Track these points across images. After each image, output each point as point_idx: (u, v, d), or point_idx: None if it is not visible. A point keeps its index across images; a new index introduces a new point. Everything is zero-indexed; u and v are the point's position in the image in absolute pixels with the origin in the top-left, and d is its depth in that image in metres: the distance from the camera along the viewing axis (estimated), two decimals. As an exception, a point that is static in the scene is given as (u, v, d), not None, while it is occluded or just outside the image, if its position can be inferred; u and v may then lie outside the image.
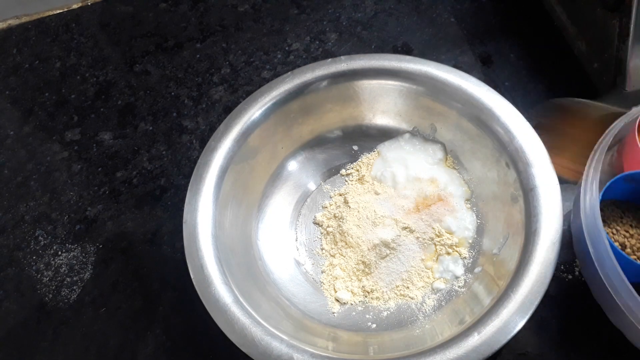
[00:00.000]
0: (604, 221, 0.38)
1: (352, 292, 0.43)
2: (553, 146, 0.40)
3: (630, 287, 0.33)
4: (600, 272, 0.35)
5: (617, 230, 0.39)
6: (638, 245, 0.39)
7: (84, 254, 0.48)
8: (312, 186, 0.49)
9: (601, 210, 0.39)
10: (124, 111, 0.57)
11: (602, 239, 0.34)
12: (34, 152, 0.55)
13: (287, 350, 0.35)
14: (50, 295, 0.47)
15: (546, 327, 0.41)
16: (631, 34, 0.41)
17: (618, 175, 0.39)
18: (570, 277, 0.43)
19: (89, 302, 0.46)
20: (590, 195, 0.36)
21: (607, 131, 0.39)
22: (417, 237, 0.44)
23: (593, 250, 0.35)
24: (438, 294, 0.42)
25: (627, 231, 0.39)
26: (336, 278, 0.44)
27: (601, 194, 0.37)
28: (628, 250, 0.38)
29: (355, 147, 0.50)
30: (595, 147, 0.39)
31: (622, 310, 0.34)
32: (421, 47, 0.58)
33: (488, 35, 0.58)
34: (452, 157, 0.48)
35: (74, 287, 0.47)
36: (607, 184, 0.38)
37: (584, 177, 0.38)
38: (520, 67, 0.55)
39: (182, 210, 0.41)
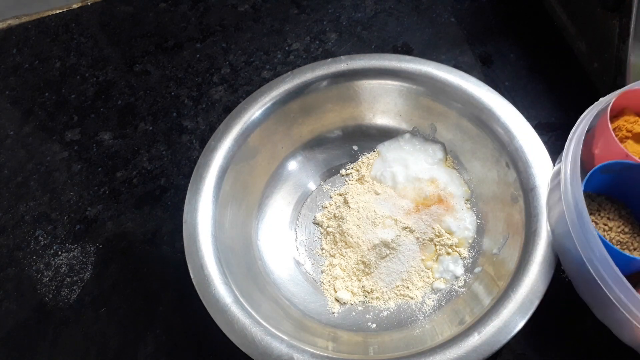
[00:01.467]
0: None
1: (352, 292, 0.43)
2: None
3: (623, 277, 0.32)
4: (589, 266, 0.33)
5: (596, 224, 0.39)
6: (618, 238, 0.38)
7: (84, 254, 0.48)
8: (312, 186, 0.49)
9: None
10: (124, 111, 0.57)
11: (591, 232, 0.33)
12: (34, 152, 0.55)
13: (287, 350, 0.35)
14: (50, 295, 0.47)
15: (546, 327, 0.41)
16: (631, 34, 0.41)
17: (596, 167, 0.38)
18: (570, 277, 0.43)
19: (89, 302, 0.46)
20: (573, 187, 0.35)
21: (579, 120, 0.38)
22: (417, 237, 0.44)
23: (580, 244, 0.34)
24: (438, 294, 0.42)
25: (605, 224, 0.39)
26: (336, 278, 0.44)
27: (583, 184, 0.36)
28: None
29: (355, 147, 0.50)
30: (570, 136, 0.38)
31: (612, 303, 0.33)
32: (421, 47, 0.58)
33: (488, 35, 0.58)
34: (452, 157, 0.48)
35: (74, 287, 0.47)
36: (587, 176, 0.37)
37: (562, 168, 0.36)
38: (520, 67, 0.55)
39: (182, 210, 0.41)
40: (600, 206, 0.39)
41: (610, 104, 0.39)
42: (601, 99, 0.40)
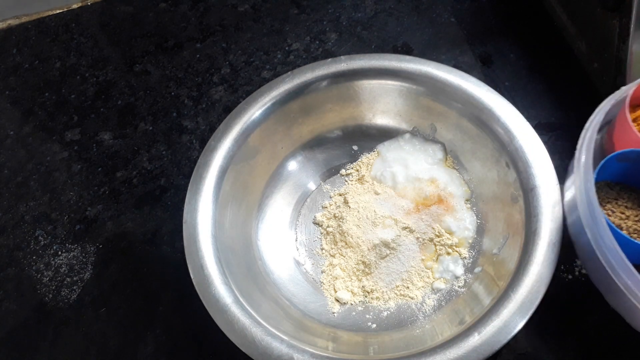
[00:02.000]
0: (599, 203, 0.37)
1: (352, 292, 0.43)
2: None
3: (630, 265, 0.32)
4: (598, 254, 0.34)
5: (612, 212, 0.39)
6: (635, 226, 0.38)
7: (84, 254, 0.48)
8: (312, 186, 0.49)
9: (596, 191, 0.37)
10: (124, 111, 0.57)
11: (599, 219, 0.33)
12: (34, 152, 0.55)
13: (288, 350, 0.35)
14: (50, 295, 0.47)
15: (546, 327, 0.41)
16: (631, 34, 0.41)
17: (611, 154, 0.38)
18: (570, 277, 0.43)
19: (89, 302, 0.46)
20: (585, 175, 0.35)
21: (596, 110, 0.38)
22: (417, 237, 0.44)
23: (590, 232, 0.34)
24: (438, 294, 0.42)
25: (622, 213, 0.39)
26: (336, 278, 0.44)
27: (595, 173, 0.36)
28: (625, 232, 0.38)
29: (355, 147, 0.50)
30: (587, 125, 0.38)
31: (622, 291, 0.33)
32: (421, 47, 0.58)
33: (488, 35, 0.58)
34: (452, 157, 0.48)
35: (74, 287, 0.47)
36: (601, 163, 0.37)
37: (575, 157, 0.37)
38: (520, 67, 0.55)
39: (182, 210, 0.41)
40: (618, 195, 0.40)
41: (630, 94, 0.39)
42: (622, 88, 0.39)
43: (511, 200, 0.41)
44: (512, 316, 0.34)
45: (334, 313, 0.42)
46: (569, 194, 0.38)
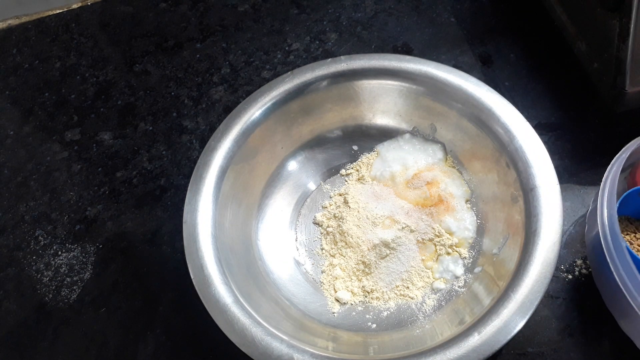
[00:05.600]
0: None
1: (352, 292, 0.43)
2: None
3: None
4: (617, 279, 0.35)
5: (631, 244, 0.40)
6: None
7: (84, 254, 0.48)
8: (312, 186, 0.49)
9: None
10: (124, 111, 0.57)
11: (621, 247, 0.35)
12: (34, 152, 0.55)
13: (288, 350, 0.35)
14: (50, 295, 0.47)
15: (546, 327, 0.41)
16: (631, 34, 0.41)
17: (632, 189, 0.39)
18: (570, 277, 0.43)
19: (89, 302, 0.46)
20: (608, 206, 0.37)
21: (623, 148, 0.40)
22: (417, 237, 0.44)
23: (610, 259, 0.35)
24: (438, 294, 0.42)
25: None
26: (336, 278, 0.44)
27: (618, 203, 0.37)
28: None
29: (355, 147, 0.50)
30: (613, 161, 0.39)
31: (637, 315, 0.34)
32: (421, 47, 0.58)
33: (488, 35, 0.58)
34: (452, 157, 0.48)
35: (74, 287, 0.47)
36: (622, 196, 0.39)
37: (600, 190, 0.38)
38: (520, 67, 0.55)
39: (182, 210, 0.41)
40: (637, 229, 0.41)
41: None
42: None
43: (511, 200, 0.41)
44: (512, 316, 0.34)
45: (334, 313, 0.42)
46: (591, 224, 0.39)
